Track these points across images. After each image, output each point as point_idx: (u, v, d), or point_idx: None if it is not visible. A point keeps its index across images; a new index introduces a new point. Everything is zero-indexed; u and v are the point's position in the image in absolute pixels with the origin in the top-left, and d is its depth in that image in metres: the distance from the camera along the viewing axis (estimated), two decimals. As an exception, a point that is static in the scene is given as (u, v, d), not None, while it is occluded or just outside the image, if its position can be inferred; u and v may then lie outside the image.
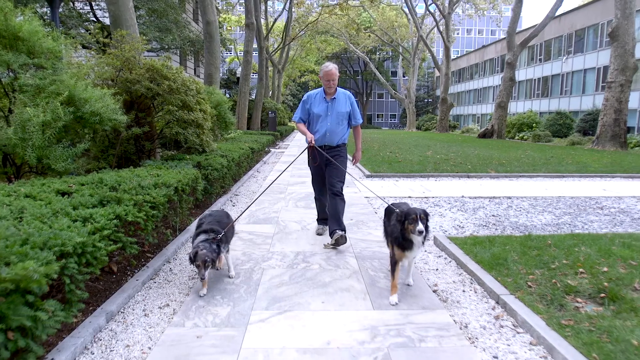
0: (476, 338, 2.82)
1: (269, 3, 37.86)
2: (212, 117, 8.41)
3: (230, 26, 47.43)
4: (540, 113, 36.34)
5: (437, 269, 4.11)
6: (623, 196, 8.14)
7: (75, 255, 2.40)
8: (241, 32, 53.07)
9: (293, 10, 34.24)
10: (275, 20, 33.86)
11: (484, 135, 29.15)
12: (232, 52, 50.57)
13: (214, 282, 3.68)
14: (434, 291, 3.57)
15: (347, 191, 7.93)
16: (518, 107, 40.92)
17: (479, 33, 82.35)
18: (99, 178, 3.88)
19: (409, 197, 7.81)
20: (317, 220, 5.41)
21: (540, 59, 38.31)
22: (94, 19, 20.72)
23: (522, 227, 5.66)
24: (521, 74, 40.81)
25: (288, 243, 4.84)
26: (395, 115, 78.23)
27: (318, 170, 4.91)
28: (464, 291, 3.59)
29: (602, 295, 3.24)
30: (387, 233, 3.71)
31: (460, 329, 2.94)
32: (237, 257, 4.35)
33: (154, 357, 2.53)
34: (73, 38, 6.03)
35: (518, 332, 2.89)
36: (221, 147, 8.63)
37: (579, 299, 3.22)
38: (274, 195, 7.76)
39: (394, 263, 3.43)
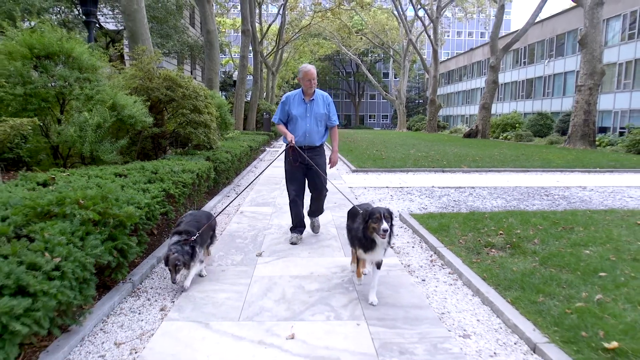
0: (413, 271, 4.11)
1: (263, 6, 39.07)
2: (216, 118, 9.64)
3: (224, 29, 48.57)
4: (525, 114, 37.88)
5: (397, 234, 5.40)
6: (571, 186, 9.49)
7: (144, 211, 3.64)
8: (235, 33, 54.27)
9: (286, 14, 35.51)
10: (270, 25, 35.11)
11: (469, 135, 30.59)
12: (226, 54, 51.70)
13: (229, 241, 4.94)
14: (391, 247, 4.85)
15: (333, 182, 9.21)
16: (504, 108, 42.47)
17: (469, 35, 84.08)
18: (141, 165, 5.12)
19: (387, 187, 9.11)
20: (290, 229, 5.14)
21: (524, 62, 39.90)
22: (98, 25, 21.82)
23: (475, 209, 6.96)
24: (507, 77, 42.41)
25: (283, 219, 6.10)
26: (387, 115, 79.74)
27: (297, 171, 4.91)
28: (413, 247, 4.89)
29: (509, 246, 4.55)
30: (351, 234, 3.71)
31: (404, 267, 4.23)
32: (244, 228, 5.62)
33: (194, 280, 3.79)
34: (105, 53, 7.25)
35: (443, 268, 4.19)
36: (224, 144, 9.87)
37: (492, 250, 4.52)
38: (270, 186, 9.01)
39: (358, 260, 3.58)
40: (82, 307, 2.80)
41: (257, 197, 7.76)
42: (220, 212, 5.15)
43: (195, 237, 3.58)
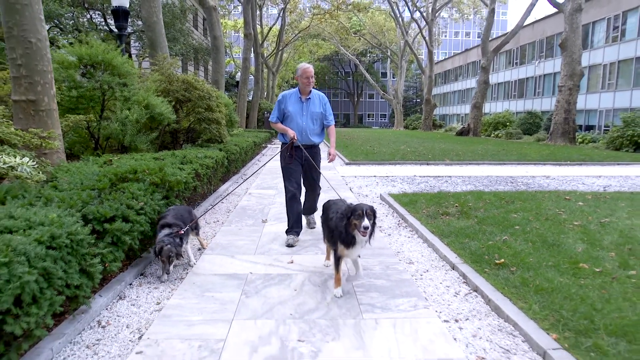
0: (383, 230, 5.45)
1: (263, 8, 40.38)
2: (225, 116, 10.97)
3: (225, 30, 49.90)
4: (517, 113, 39.20)
5: (376, 209, 6.73)
6: (536, 175, 10.81)
7: (182, 182, 4.97)
8: (236, 34, 55.63)
9: (286, 16, 36.84)
10: (270, 28, 36.38)
11: (461, 133, 31.90)
12: (227, 55, 53.02)
13: (241, 212, 6.28)
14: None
15: (328, 173, 10.54)
16: (497, 107, 43.78)
17: (466, 35, 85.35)
18: (171, 153, 6.45)
19: (374, 176, 10.45)
20: (286, 230, 4.95)
21: (516, 63, 41.23)
22: (107, 28, 23.14)
23: (445, 192, 8.27)
24: (500, 77, 43.74)
25: (284, 197, 7.41)
26: (385, 115, 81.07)
27: (294, 168, 4.92)
28: (386, 216, 6.22)
29: (459, 213, 5.87)
30: (329, 228, 3.62)
31: (377, 227, 5.55)
32: (253, 203, 6.95)
33: (220, 234, 5.13)
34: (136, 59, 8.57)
35: (406, 228, 5.52)
36: (231, 140, 11.19)
37: (447, 216, 5.84)
38: (272, 175, 10.34)
39: (337, 258, 3.42)
40: (153, 238, 4.14)
41: (262, 183, 9.10)
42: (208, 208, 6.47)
43: (185, 229, 3.85)
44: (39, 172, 4.19)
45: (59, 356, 2.52)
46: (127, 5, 9.02)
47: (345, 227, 3.24)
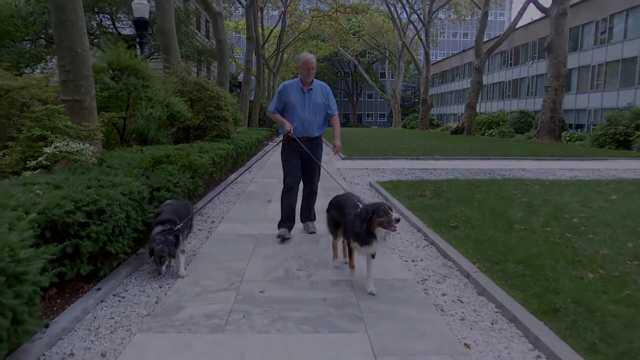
0: (368, 207, 6.56)
1: (264, 10, 41.50)
2: (231, 115, 12.08)
3: (227, 31, 50.99)
4: (511, 112, 40.29)
5: (364, 192, 7.85)
6: (514, 168, 11.91)
7: (205, 165, 6.07)
8: (237, 35, 56.80)
9: (287, 18, 37.99)
10: (272, 31, 37.46)
11: (456, 132, 33.03)
12: (230, 56, 54.13)
13: (249, 196, 7.38)
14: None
15: (325, 166, 11.65)
16: (493, 106, 44.88)
17: (464, 36, 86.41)
18: (189, 145, 7.56)
19: (367, 168, 11.56)
20: (279, 223, 4.98)
21: (510, 64, 42.35)
22: (116, 32, 24.23)
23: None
24: (495, 77, 44.86)
25: (286, 185, 8.54)
26: (384, 114, 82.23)
27: (294, 161, 4.86)
28: (372, 198, 7.33)
29: (432, 195, 6.98)
30: (345, 227, 3.58)
31: (363, 206, 6.67)
32: (259, 189, 8.07)
33: (233, 210, 6.24)
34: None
35: (387, 206, 6.63)
36: (237, 136, 12.29)
37: (422, 197, 6.94)
38: (274, 167, 11.44)
39: (351, 248, 3.54)
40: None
41: (266, 173, 10.23)
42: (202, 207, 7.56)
43: (179, 226, 3.66)
44: (92, 157, 5.31)
45: (132, 276, 3.65)
46: (147, 16, 10.12)
47: (367, 229, 3.22)
